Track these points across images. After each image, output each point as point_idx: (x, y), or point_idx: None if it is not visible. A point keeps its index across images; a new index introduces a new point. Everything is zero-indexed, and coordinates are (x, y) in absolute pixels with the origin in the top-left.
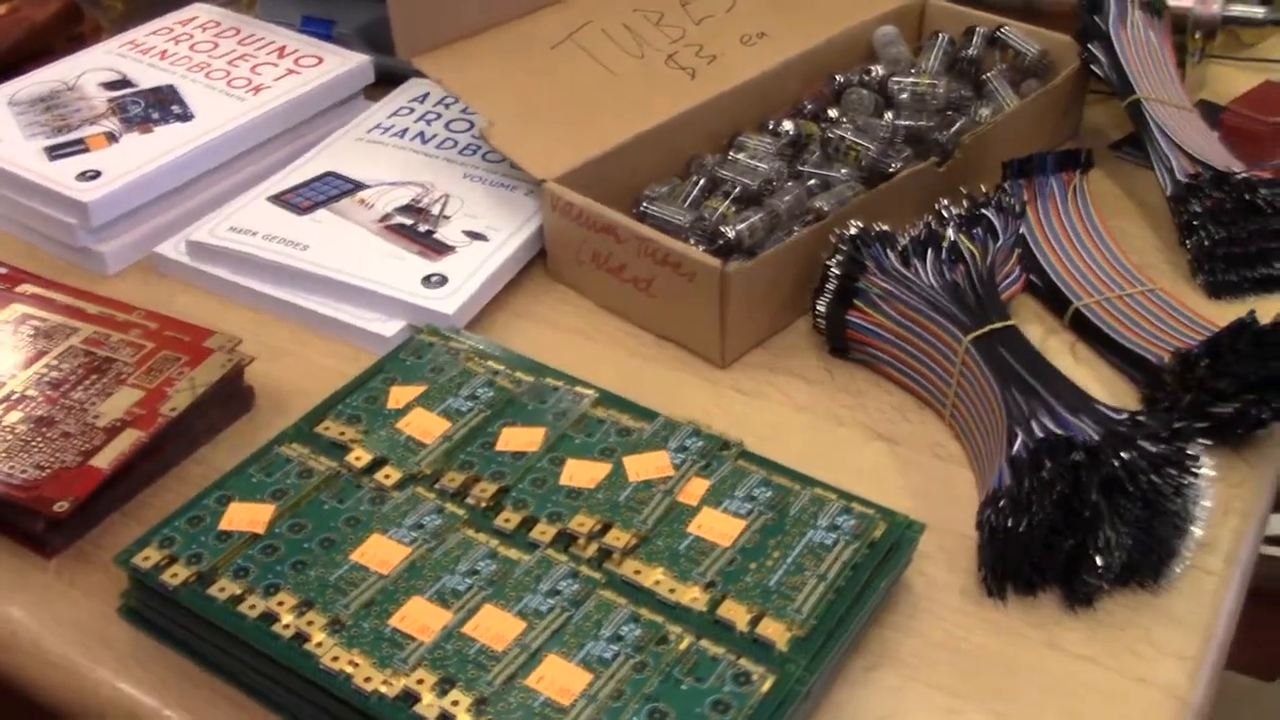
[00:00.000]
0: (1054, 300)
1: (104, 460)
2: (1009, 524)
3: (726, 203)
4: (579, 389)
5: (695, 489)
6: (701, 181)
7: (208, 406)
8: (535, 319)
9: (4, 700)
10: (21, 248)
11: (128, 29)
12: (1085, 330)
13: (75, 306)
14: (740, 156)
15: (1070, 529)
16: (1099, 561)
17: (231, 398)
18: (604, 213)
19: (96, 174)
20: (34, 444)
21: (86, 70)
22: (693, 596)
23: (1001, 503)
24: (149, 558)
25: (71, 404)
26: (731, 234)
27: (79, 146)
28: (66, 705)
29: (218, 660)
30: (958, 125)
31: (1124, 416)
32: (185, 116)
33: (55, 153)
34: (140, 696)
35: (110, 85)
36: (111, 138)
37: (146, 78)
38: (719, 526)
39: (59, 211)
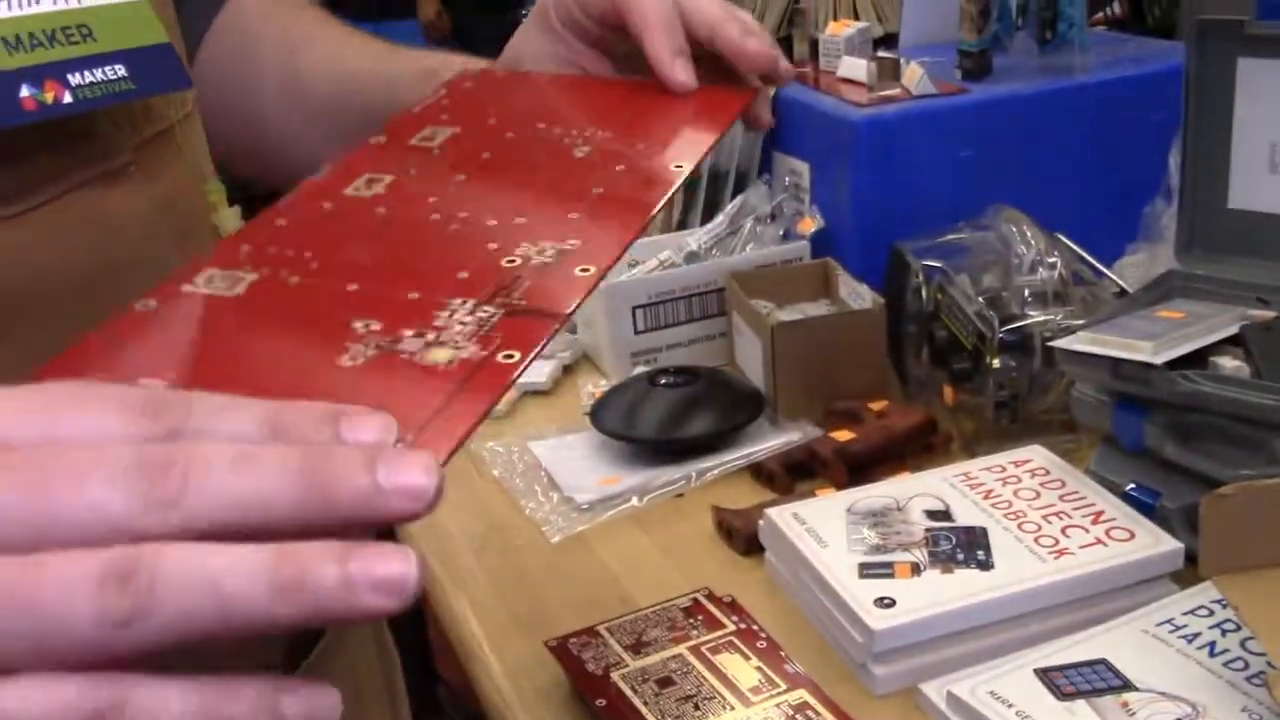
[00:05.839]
0: None
1: None
2: None
3: None
4: None
5: None
6: None
7: None
8: None
9: None
10: (819, 644)
11: (976, 451)
12: None
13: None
14: None
15: None
16: None
17: None
18: None
19: (892, 602)
20: None
21: (918, 494)
22: None
23: None
24: None
25: None
26: None
27: (886, 570)
28: None
29: None
30: None
31: None
32: (986, 565)
33: (866, 570)
34: None
35: (932, 514)
36: (916, 569)
37: (965, 515)
38: None
39: (852, 627)
